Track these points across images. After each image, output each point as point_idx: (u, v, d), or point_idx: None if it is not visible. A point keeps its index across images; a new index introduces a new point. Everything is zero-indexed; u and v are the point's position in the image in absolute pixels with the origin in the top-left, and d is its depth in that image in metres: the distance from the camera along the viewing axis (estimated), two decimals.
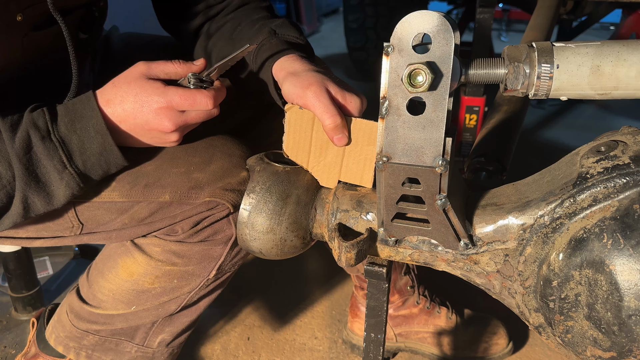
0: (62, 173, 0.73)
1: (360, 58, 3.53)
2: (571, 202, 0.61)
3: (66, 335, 1.00)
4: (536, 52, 0.58)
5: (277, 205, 0.75)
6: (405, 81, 0.55)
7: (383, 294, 0.77)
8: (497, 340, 1.33)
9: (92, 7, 0.91)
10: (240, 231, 0.77)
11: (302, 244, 0.78)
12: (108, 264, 0.94)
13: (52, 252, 1.76)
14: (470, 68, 0.60)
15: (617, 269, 0.59)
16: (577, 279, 0.61)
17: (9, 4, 0.73)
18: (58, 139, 0.72)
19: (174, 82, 0.78)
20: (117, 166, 0.78)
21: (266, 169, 0.77)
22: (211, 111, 0.78)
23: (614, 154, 0.61)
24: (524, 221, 0.65)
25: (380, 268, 0.74)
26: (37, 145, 0.71)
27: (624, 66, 0.56)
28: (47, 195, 0.74)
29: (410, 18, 0.54)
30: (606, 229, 0.59)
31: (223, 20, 1.00)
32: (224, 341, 1.42)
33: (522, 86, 0.59)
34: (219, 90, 0.79)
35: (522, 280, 0.67)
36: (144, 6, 1.01)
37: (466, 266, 0.71)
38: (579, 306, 0.62)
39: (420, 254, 0.72)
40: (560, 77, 0.58)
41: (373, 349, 0.83)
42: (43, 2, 0.75)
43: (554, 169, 0.68)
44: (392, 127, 0.60)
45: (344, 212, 0.75)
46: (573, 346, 0.66)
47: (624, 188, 0.59)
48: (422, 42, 0.58)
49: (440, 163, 0.59)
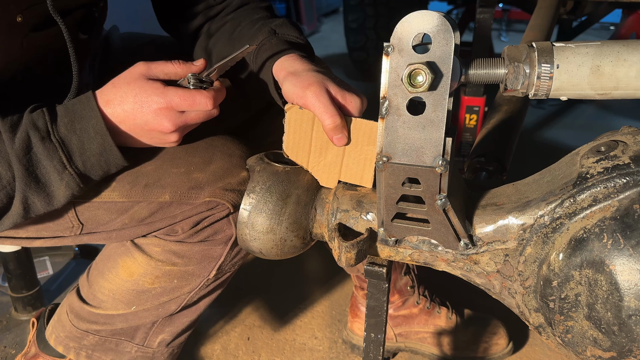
0: (62, 173, 0.73)
1: (360, 58, 3.53)
2: (571, 202, 0.61)
3: (66, 335, 0.99)
4: (536, 52, 0.58)
5: (277, 205, 0.75)
6: (405, 81, 0.55)
7: (383, 294, 0.77)
8: (497, 340, 1.33)
9: (92, 8, 0.91)
10: (240, 231, 0.77)
11: (302, 244, 0.78)
12: (108, 264, 0.94)
13: (52, 252, 1.76)
14: (470, 68, 0.60)
15: (617, 269, 0.59)
16: (577, 279, 0.61)
17: (9, 4, 0.73)
18: (58, 140, 0.72)
19: (173, 82, 0.78)
20: (117, 166, 0.78)
21: (266, 169, 0.77)
22: (211, 112, 0.78)
23: (614, 154, 0.61)
24: (524, 221, 0.65)
25: (380, 268, 0.74)
26: (37, 145, 0.71)
27: (624, 66, 0.57)
28: (47, 196, 0.74)
29: (410, 18, 0.54)
30: (606, 229, 0.59)
31: (223, 20, 1.00)
32: (224, 341, 1.42)
33: (522, 86, 0.59)
34: (218, 91, 0.79)
35: (522, 280, 0.67)
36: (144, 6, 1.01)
37: (466, 266, 0.71)
38: (579, 306, 0.62)
39: (420, 254, 0.72)
40: (560, 77, 0.58)
41: (373, 349, 0.83)
42: (43, 2, 0.75)
43: (554, 169, 0.68)
44: (392, 127, 0.60)
45: (344, 212, 0.75)
46: (573, 346, 0.66)
47: (624, 188, 0.59)
48: (422, 42, 0.58)
49: (440, 163, 0.59)
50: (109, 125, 0.75)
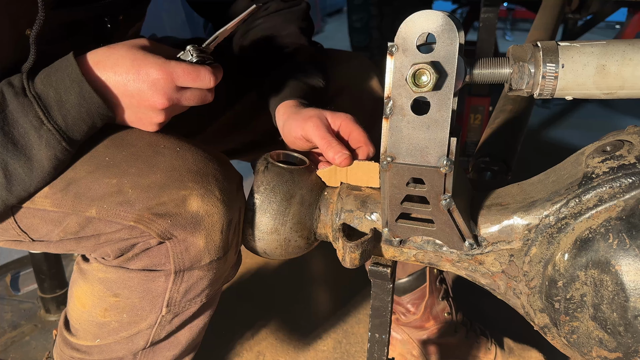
0: (40, 130, 0.67)
1: None
2: (576, 202, 0.61)
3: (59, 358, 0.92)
4: (541, 52, 0.57)
5: (281, 205, 0.75)
6: (410, 81, 0.55)
7: (387, 295, 0.77)
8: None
9: (104, 19, 0.87)
10: (245, 231, 0.77)
11: (306, 244, 0.78)
12: (70, 290, 0.85)
13: None
14: (474, 67, 0.60)
15: (623, 269, 0.58)
16: (583, 279, 0.61)
17: (19, 19, 0.71)
18: (34, 95, 0.67)
19: None
20: (101, 117, 0.71)
21: (270, 169, 0.77)
22: (207, 96, 0.74)
23: (619, 154, 0.61)
24: (529, 221, 0.65)
25: (384, 268, 0.74)
26: (11, 102, 0.66)
27: (630, 65, 0.56)
28: (28, 160, 0.68)
29: (414, 18, 0.54)
30: (612, 229, 0.59)
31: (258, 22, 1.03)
32: (227, 341, 1.42)
33: (527, 86, 0.59)
34: (218, 70, 0.75)
35: (527, 281, 0.67)
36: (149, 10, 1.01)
37: (471, 266, 0.71)
38: (585, 307, 0.62)
39: (424, 254, 0.72)
40: (566, 77, 0.57)
41: (377, 349, 0.82)
42: (52, 17, 0.72)
43: (559, 169, 0.68)
44: (397, 127, 0.60)
45: (348, 212, 0.75)
46: (579, 347, 0.65)
47: (629, 188, 0.59)
48: (427, 42, 0.58)
49: (444, 163, 0.59)
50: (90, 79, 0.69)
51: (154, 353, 0.84)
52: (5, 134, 0.66)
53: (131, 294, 0.77)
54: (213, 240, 0.72)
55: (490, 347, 1.24)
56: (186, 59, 0.72)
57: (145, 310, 0.78)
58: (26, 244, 0.80)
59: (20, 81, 0.68)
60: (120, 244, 0.73)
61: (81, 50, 0.72)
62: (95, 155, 0.74)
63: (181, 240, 0.71)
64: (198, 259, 0.73)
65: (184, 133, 0.81)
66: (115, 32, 0.89)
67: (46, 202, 0.73)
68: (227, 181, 0.75)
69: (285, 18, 1.06)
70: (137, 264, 0.75)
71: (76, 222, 0.72)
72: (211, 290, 0.79)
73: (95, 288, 0.78)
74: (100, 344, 0.82)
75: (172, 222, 0.70)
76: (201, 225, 0.71)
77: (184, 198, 0.70)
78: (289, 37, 1.04)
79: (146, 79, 0.69)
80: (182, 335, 0.85)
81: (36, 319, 1.54)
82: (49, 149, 0.68)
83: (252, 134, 1.18)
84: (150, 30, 1.24)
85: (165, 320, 0.79)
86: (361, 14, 3.31)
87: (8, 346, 1.43)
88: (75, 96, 0.68)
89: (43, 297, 1.52)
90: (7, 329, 1.50)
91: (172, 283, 0.75)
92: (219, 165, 0.76)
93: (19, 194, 0.70)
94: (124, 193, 0.70)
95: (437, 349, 1.24)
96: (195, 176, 0.72)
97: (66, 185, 0.72)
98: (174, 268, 0.73)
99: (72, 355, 0.86)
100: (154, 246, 0.73)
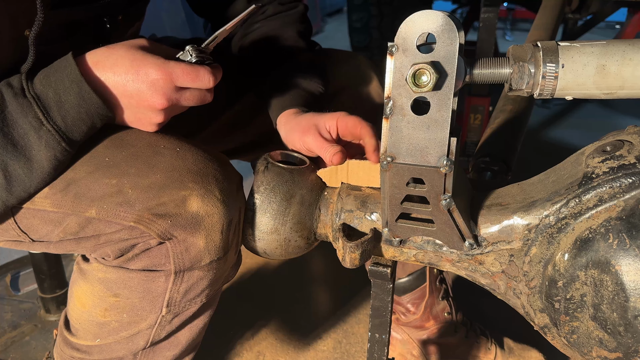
0: (40, 131, 0.67)
1: None
2: (577, 202, 0.61)
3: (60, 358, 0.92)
4: (541, 52, 0.57)
5: (281, 205, 0.75)
6: (410, 81, 0.55)
7: (387, 295, 0.77)
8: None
9: (103, 19, 0.87)
10: (245, 231, 0.77)
11: (306, 244, 0.78)
12: (70, 289, 0.85)
13: None
14: (474, 67, 0.60)
15: (623, 269, 0.58)
16: (583, 279, 0.61)
17: (18, 18, 0.70)
18: (33, 95, 0.67)
19: None
20: (100, 117, 0.71)
21: (270, 169, 0.77)
22: (206, 96, 0.74)
23: (619, 154, 0.61)
24: (529, 221, 0.65)
25: (384, 268, 0.74)
26: (10, 103, 0.66)
27: (630, 65, 0.56)
28: (27, 161, 0.68)
29: (414, 18, 0.54)
30: (612, 229, 0.59)
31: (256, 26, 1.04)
32: (227, 341, 1.42)
33: (527, 86, 0.59)
34: (218, 71, 0.74)
35: (527, 281, 0.67)
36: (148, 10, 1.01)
37: (471, 266, 0.71)
38: (585, 307, 0.62)
39: (424, 254, 0.72)
40: (566, 77, 0.57)
41: (377, 349, 0.82)
42: (51, 17, 0.72)
43: (559, 169, 0.68)
44: (397, 127, 0.60)
45: (348, 212, 0.75)
46: (579, 347, 0.65)
47: (629, 188, 0.59)
48: (427, 42, 0.58)
49: (444, 163, 0.59)
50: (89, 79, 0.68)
51: (154, 353, 0.84)
52: (4, 135, 0.66)
53: (131, 294, 0.77)
54: (213, 241, 0.72)
55: (490, 347, 1.24)
56: (185, 59, 0.72)
57: (145, 311, 0.78)
58: (26, 245, 0.80)
59: (20, 82, 0.68)
60: (120, 245, 0.73)
61: (80, 50, 0.72)
62: (95, 155, 0.73)
63: (181, 240, 0.71)
64: (198, 259, 0.73)
65: (184, 133, 0.81)
66: (114, 32, 0.89)
67: (46, 202, 0.72)
68: (227, 181, 0.75)
69: (283, 21, 1.07)
70: (137, 264, 0.75)
71: (76, 222, 0.72)
72: (211, 291, 0.79)
73: (96, 288, 0.79)
74: (100, 343, 0.82)
75: (172, 222, 0.70)
76: (201, 225, 0.71)
77: (184, 198, 0.70)
78: (287, 41, 1.05)
79: (145, 79, 0.69)
80: (182, 335, 0.85)
81: (36, 319, 1.54)
82: (48, 149, 0.68)
83: (252, 134, 1.19)
84: (150, 30, 1.24)
85: (165, 320, 0.80)
86: (361, 14, 3.31)
87: (8, 346, 1.43)
88: (75, 97, 0.68)
89: (43, 297, 1.52)
90: (7, 329, 1.50)
91: (172, 283, 0.75)
92: (219, 165, 0.76)
93: (19, 195, 0.70)
94: (124, 193, 0.70)
95: (437, 348, 1.24)
96: (195, 176, 0.72)
97: (66, 186, 0.72)
98: (174, 268, 0.73)
99: (72, 355, 0.86)
100: (154, 246, 0.73)
